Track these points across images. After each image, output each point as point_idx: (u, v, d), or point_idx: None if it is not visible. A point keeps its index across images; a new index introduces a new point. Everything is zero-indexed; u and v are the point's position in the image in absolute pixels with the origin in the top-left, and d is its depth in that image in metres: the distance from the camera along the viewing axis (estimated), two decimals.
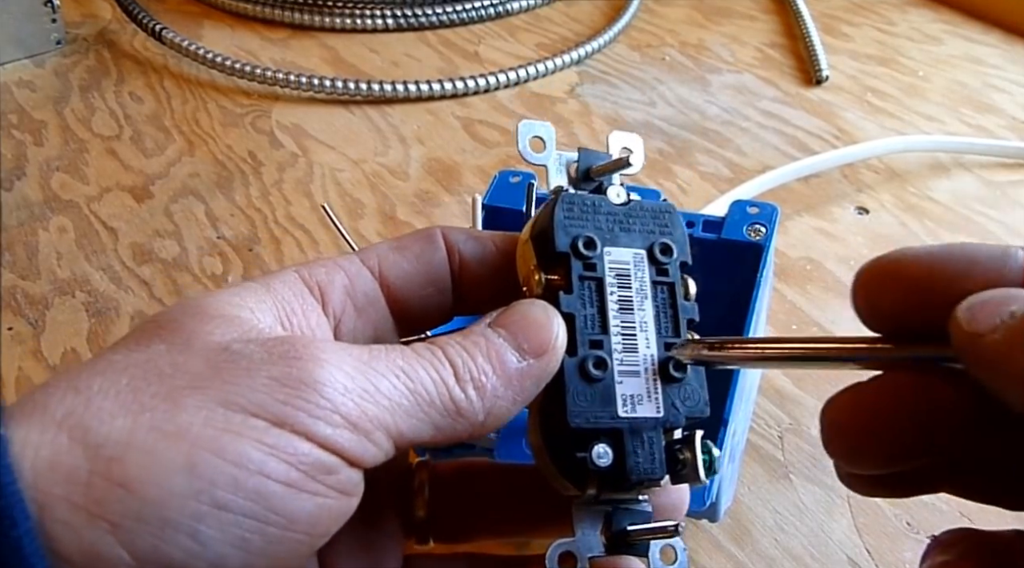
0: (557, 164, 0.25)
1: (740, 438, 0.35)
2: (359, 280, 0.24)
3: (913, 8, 0.77)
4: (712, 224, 0.35)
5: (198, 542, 0.17)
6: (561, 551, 0.22)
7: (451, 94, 0.63)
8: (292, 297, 0.22)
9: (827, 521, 0.35)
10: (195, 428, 0.17)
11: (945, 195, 0.54)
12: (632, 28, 0.74)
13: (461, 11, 0.73)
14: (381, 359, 0.20)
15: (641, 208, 0.25)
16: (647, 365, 0.23)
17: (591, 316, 0.23)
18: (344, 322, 0.23)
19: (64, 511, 0.16)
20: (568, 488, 0.23)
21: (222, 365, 0.18)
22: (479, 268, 0.25)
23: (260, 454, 0.17)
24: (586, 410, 0.22)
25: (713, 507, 0.30)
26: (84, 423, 0.17)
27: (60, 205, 0.53)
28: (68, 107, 0.63)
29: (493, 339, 0.21)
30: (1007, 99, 0.64)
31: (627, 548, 0.23)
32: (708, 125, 0.61)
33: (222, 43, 0.70)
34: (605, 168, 0.25)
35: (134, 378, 0.18)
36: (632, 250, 0.24)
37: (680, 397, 0.23)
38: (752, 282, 0.34)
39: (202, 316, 0.20)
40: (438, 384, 0.20)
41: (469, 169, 0.57)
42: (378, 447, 0.19)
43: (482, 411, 0.21)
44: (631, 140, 0.26)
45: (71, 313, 0.46)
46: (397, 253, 0.25)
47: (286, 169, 0.57)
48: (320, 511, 0.18)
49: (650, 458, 0.22)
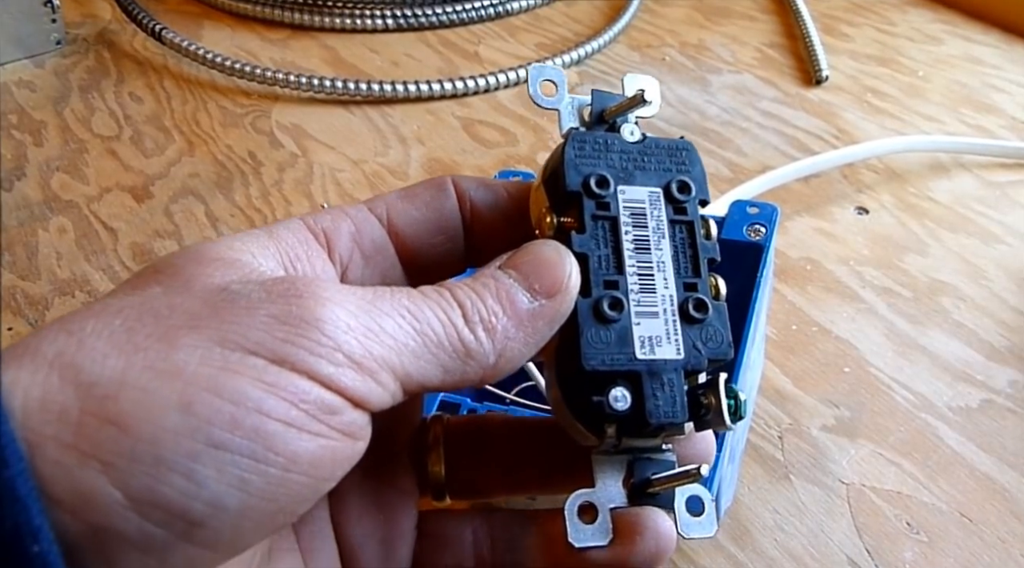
0: (570, 108, 0.24)
1: (740, 438, 0.35)
2: (367, 227, 0.23)
3: (913, 8, 0.77)
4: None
5: (194, 482, 0.16)
6: (581, 502, 0.21)
7: (451, 94, 0.63)
8: (296, 243, 0.22)
9: (827, 521, 0.35)
10: (191, 366, 0.17)
11: (945, 195, 0.54)
12: (632, 28, 0.74)
13: (461, 11, 0.73)
14: (386, 299, 0.19)
15: (656, 146, 0.24)
16: (666, 305, 0.22)
17: (605, 256, 0.22)
18: (351, 269, 0.23)
19: (54, 451, 0.16)
20: (587, 437, 0.22)
21: (220, 304, 0.18)
22: (491, 217, 0.24)
23: (258, 392, 0.17)
24: (602, 352, 0.21)
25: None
26: (76, 363, 0.16)
27: (60, 205, 0.53)
28: (68, 107, 0.63)
29: (503, 280, 0.21)
30: (1007, 99, 0.64)
31: (651, 499, 0.22)
32: (708, 125, 0.61)
33: (222, 43, 0.70)
34: (620, 108, 0.24)
35: (128, 319, 0.17)
36: (648, 188, 0.23)
37: (702, 339, 0.22)
38: (752, 282, 0.34)
39: (201, 260, 0.20)
40: (446, 325, 0.19)
41: (469, 169, 0.56)
42: (384, 388, 0.18)
43: (492, 353, 0.20)
44: (646, 82, 0.25)
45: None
46: (406, 201, 0.24)
47: (286, 169, 0.57)
48: (323, 452, 0.18)
49: (671, 401, 0.21)
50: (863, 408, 0.40)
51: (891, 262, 0.49)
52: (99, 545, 0.16)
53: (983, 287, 0.47)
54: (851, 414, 0.39)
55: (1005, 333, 0.44)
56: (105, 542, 0.16)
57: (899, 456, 0.38)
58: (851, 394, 0.40)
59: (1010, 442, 0.38)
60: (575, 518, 0.21)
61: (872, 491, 0.36)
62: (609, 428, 0.21)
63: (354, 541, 0.24)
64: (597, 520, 0.21)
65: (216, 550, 0.17)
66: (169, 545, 0.16)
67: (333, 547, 0.24)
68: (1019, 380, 0.42)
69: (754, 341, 0.33)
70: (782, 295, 0.46)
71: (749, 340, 0.32)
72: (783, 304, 0.46)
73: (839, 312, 0.45)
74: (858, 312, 0.45)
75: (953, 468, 0.37)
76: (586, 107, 0.24)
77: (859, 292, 0.47)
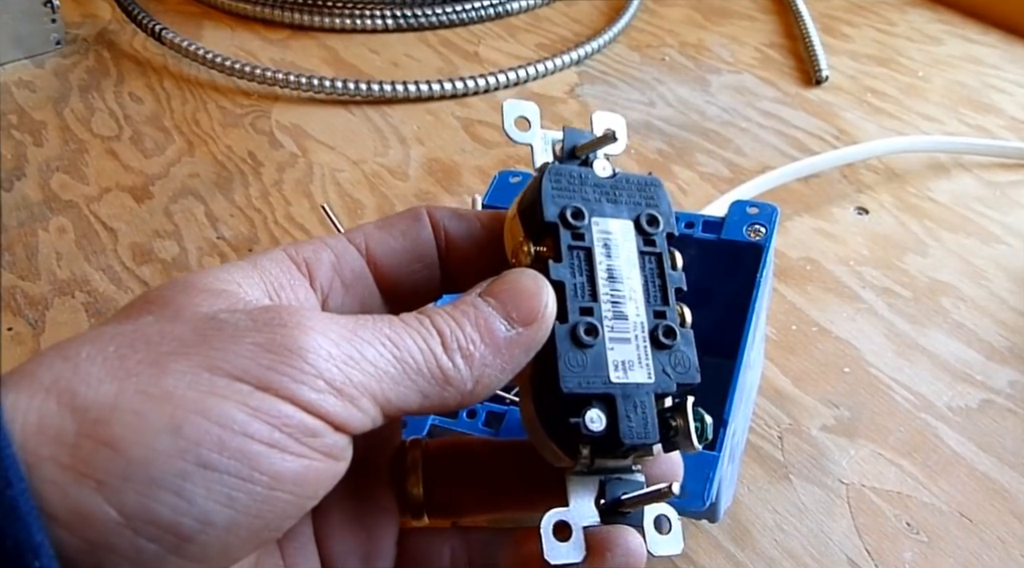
0: (543, 143, 0.25)
1: (740, 438, 0.35)
2: (346, 256, 0.24)
3: (913, 8, 0.77)
4: (712, 224, 0.35)
5: (184, 499, 0.17)
6: (556, 520, 0.22)
7: (451, 94, 0.63)
8: (280, 273, 0.23)
9: (827, 521, 0.35)
10: (180, 391, 0.17)
11: (945, 195, 0.54)
12: (632, 28, 0.74)
13: (461, 11, 0.73)
14: (367, 327, 0.20)
15: (627, 181, 0.25)
16: (637, 332, 0.23)
17: (581, 284, 0.23)
18: (332, 297, 0.24)
19: (52, 471, 0.16)
20: (561, 457, 0.23)
21: (208, 332, 0.19)
22: (465, 246, 0.25)
23: (244, 416, 0.18)
24: (578, 375, 0.22)
25: (713, 507, 0.30)
26: (72, 388, 0.17)
27: (60, 205, 0.53)
28: (68, 107, 0.63)
29: (482, 308, 0.21)
30: (1007, 99, 0.64)
31: (622, 517, 0.23)
32: (708, 125, 0.61)
33: (222, 43, 0.70)
34: (590, 145, 0.25)
35: (121, 346, 0.18)
36: (619, 221, 0.24)
37: (671, 363, 0.23)
38: (752, 283, 0.34)
39: (190, 291, 0.21)
40: (425, 352, 0.20)
41: (469, 169, 0.57)
42: (364, 413, 0.19)
43: (470, 380, 0.21)
44: (614, 120, 0.26)
45: (71, 313, 0.46)
46: (383, 231, 0.25)
47: (286, 169, 0.57)
48: (306, 472, 0.19)
49: (643, 422, 0.22)
50: (863, 408, 0.40)
51: (891, 262, 0.49)
52: (95, 560, 0.17)
53: (983, 287, 0.47)
54: (851, 414, 0.39)
55: (1005, 333, 0.44)
56: (100, 557, 0.17)
57: (899, 456, 0.38)
58: (851, 394, 0.40)
59: (1010, 442, 0.38)
60: (550, 536, 0.22)
61: (872, 491, 0.36)
62: (584, 449, 0.22)
63: (336, 556, 0.25)
64: (571, 538, 0.22)
65: (205, 564, 0.18)
66: (161, 559, 0.17)
67: (316, 562, 0.25)
68: (1019, 380, 0.42)
69: (754, 341, 0.33)
70: (782, 295, 0.46)
71: (749, 340, 0.32)
72: (783, 304, 0.46)
73: (839, 312, 0.45)
74: (858, 312, 0.45)
75: (953, 468, 0.37)
76: (558, 142, 0.26)
77: (859, 292, 0.47)
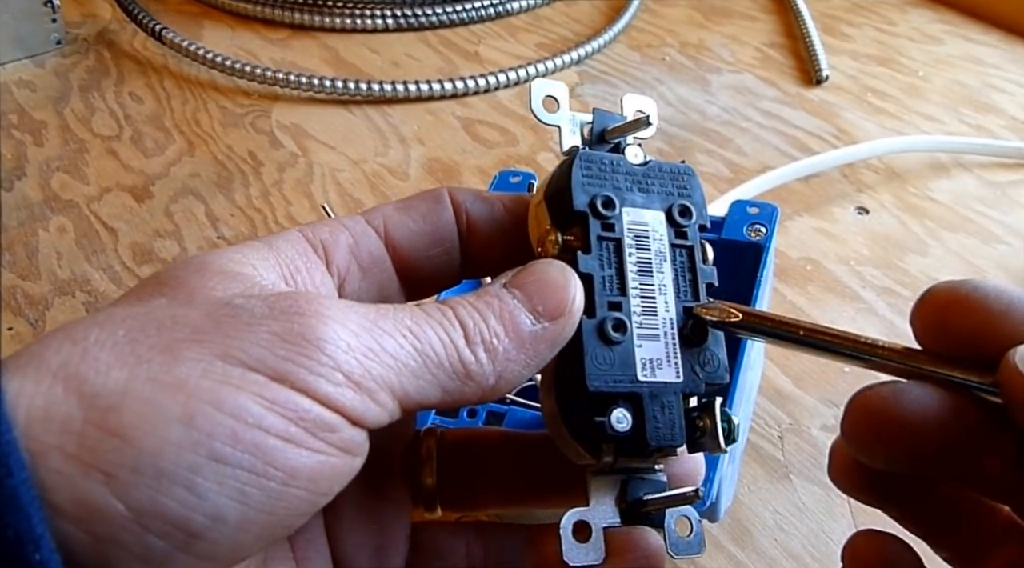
0: (571, 125, 0.24)
1: (740, 438, 0.35)
2: (364, 239, 0.23)
3: (913, 8, 0.77)
4: (712, 224, 0.35)
5: (195, 494, 0.16)
6: (576, 520, 0.22)
7: (451, 94, 0.63)
8: (296, 255, 0.22)
9: (827, 521, 0.35)
10: (193, 380, 0.17)
11: (945, 195, 0.54)
12: (632, 28, 0.74)
13: (461, 11, 0.73)
14: (388, 318, 0.19)
15: (660, 169, 0.24)
16: (667, 329, 0.22)
17: (609, 277, 0.22)
18: (348, 281, 0.23)
19: (57, 461, 0.16)
20: (583, 456, 0.22)
21: (222, 319, 0.18)
22: (487, 229, 0.24)
23: (259, 408, 0.17)
24: (605, 373, 0.21)
25: (713, 507, 0.30)
26: (80, 373, 0.16)
27: (60, 205, 0.53)
28: (68, 107, 0.63)
29: (507, 300, 0.21)
30: (1007, 99, 0.64)
31: (643, 518, 0.22)
32: (708, 125, 0.61)
33: (222, 43, 0.70)
34: (621, 129, 0.24)
35: (132, 330, 0.17)
36: (651, 211, 0.23)
37: (700, 363, 0.23)
38: (752, 282, 0.34)
39: (204, 272, 0.20)
40: (447, 345, 0.19)
41: (469, 169, 0.57)
42: (382, 407, 0.19)
43: (492, 374, 0.20)
44: (646, 103, 0.25)
45: (71, 313, 0.46)
46: (403, 213, 0.24)
47: (286, 169, 0.57)
48: (322, 468, 0.18)
49: (670, 424, 0.22)
50: None
51: (891, 262, 0.49)
52: (100, 555, 0.16)
53: None
54: None
55: None
56: (106, 552, 0.16)
57: None
58: (851, 394, 0.40)
59: None
60: (570, 537, 0.21)
61: None
62: (607, 448, 0.22)
63: (347, 551, 0.24)
64: (591, 539, 0.22)
65: (215, 561, 0.17)
66: (169, 556, 0.17)
67: (327, 557, 0.24)
68: None
69: (754, 341, 0.33)
70: (782, 295, 0.46)
71: (749, 340, 0.32)
72: (783, 304, 0.46)
73: (839, 312, 0.45)
74: (858, 312, 0.45)
75: None
76: (587, 125, 0.25)
77: (859, 292, 0.47)
